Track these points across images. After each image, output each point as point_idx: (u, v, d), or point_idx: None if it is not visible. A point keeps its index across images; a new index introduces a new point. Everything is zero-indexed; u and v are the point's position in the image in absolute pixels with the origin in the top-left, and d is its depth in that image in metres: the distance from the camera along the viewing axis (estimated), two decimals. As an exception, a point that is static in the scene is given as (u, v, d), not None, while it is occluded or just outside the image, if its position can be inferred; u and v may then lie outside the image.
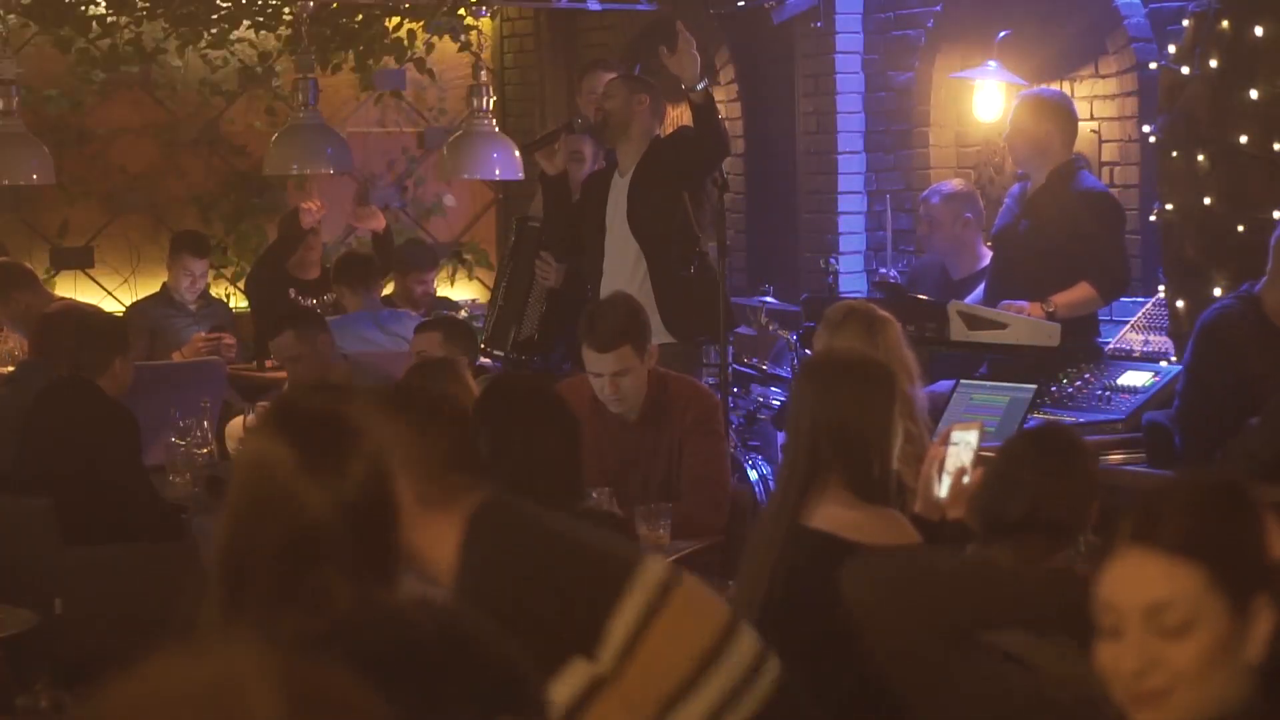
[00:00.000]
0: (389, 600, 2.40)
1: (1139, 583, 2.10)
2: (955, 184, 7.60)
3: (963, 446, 4.00)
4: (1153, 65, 6.64)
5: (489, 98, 8.80)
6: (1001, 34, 7.50)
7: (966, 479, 3.95)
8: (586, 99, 7.73)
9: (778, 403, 7.14)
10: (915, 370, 4.96)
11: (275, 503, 2.37)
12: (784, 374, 7.17)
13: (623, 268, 6.84)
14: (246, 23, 9.48)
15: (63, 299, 8.56)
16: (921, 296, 6.70)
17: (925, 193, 7.60)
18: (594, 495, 4.77)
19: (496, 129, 8.88)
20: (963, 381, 6.18)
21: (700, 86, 6.56)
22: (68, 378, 5.92)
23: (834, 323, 5.01)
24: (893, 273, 7.54)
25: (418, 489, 2.91)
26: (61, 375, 5.95)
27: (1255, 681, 2.10)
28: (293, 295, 8.84)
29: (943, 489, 4.04)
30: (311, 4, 8.76)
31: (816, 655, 3.59)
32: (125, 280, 9.96)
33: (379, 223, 9.14)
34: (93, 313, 6.98)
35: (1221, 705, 2.10)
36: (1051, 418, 5.98)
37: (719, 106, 7.02)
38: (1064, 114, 6.71)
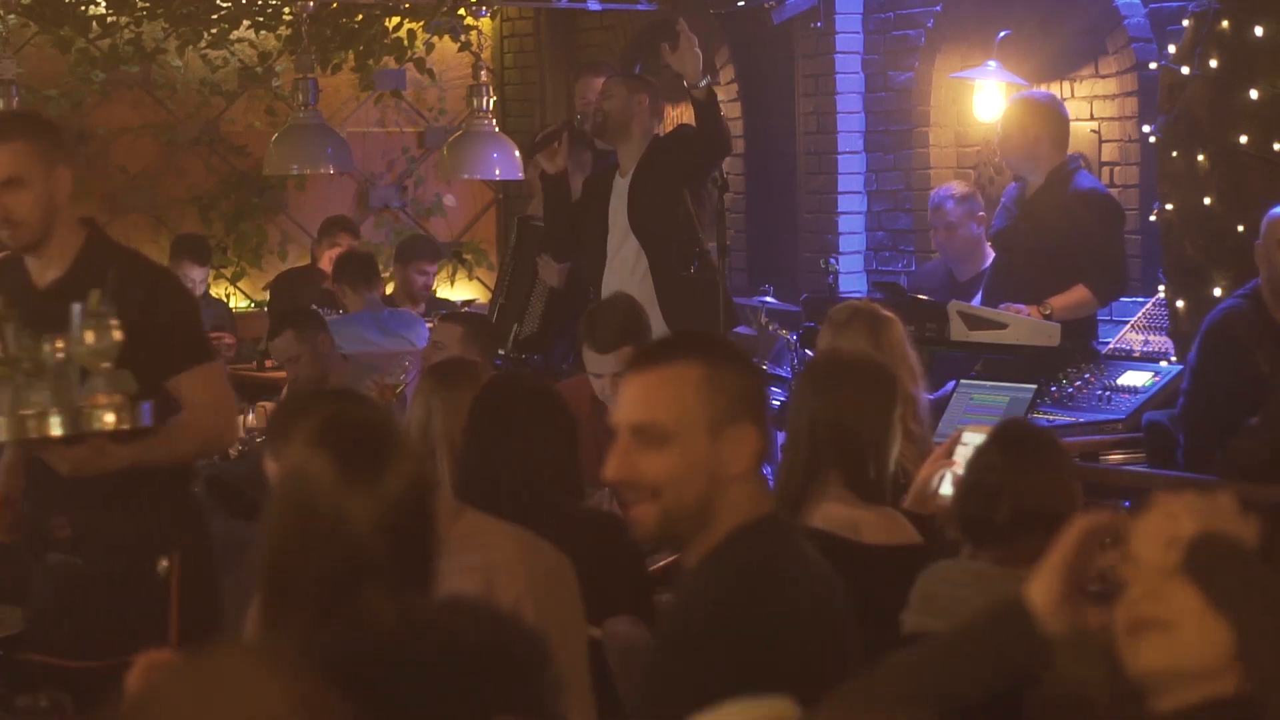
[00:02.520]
0: (426, 608, 2.40)
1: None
2: (960, 186, 7.57)
3: (971, 448, 4.02)
4: (1153, 65, 6.64)
5: (489, 98, 8.80)
6: (1001, 34, 7.50)
7: None
8: (579, 102, 7.73)
9: (778, 403, 7.12)
10: (919, 370, 4.96)
11: (317, 516, 2.37)
12: (784, 374, 7.16)
13: (624, 267, 6.84)
14: (246, 23, 9.47)
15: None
16: (921, 296, 6.69)
17: (937, 198, 7.50)
18: (594, 495, 4.77)
19: (496, 129, 8.87)
20: (963, 381, 6.18)
21: (703, 84, 6.57)
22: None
23: (839, 323, 4.98)
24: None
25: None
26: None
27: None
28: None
29: (945, 485, 4.09)
30: (311, 4, 8.76)
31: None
32: (125, 280, 9.95)
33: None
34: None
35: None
36: (1051, 417, 5.98)
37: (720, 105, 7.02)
38: (1053, 115, 6.68)
